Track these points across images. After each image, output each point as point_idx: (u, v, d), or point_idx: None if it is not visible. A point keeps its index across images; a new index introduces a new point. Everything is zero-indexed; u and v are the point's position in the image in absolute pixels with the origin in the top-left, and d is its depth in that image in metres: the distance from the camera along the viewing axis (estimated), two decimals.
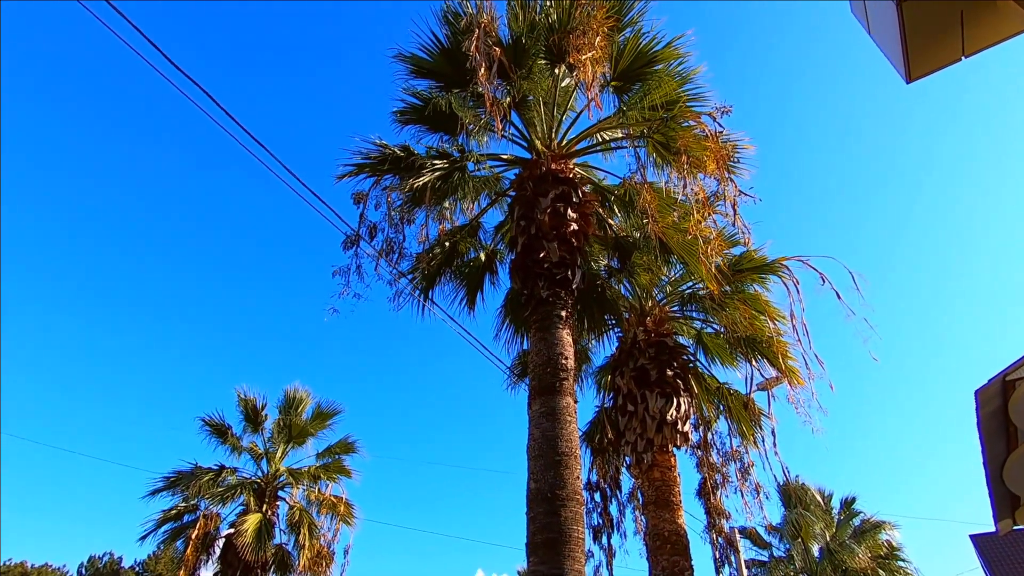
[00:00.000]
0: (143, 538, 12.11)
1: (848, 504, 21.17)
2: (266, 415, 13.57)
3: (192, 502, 12.48)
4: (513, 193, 7.86)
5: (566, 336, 6.39)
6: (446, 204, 8.23)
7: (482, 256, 8.63)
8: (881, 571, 19.57)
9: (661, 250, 8.20)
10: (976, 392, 12.61)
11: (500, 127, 7.15)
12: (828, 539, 19.74)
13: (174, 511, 12.45)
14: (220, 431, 13.21)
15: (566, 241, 6.90)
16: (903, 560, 20.68)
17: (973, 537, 23.98)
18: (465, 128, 7.62)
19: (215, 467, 12.90)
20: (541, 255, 6.70)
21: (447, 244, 8.22)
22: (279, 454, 13.85)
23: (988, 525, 19.00)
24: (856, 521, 20.80)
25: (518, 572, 25.51)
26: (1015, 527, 18.89)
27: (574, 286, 6.83)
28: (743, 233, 6.61)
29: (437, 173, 7.42)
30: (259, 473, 13.52)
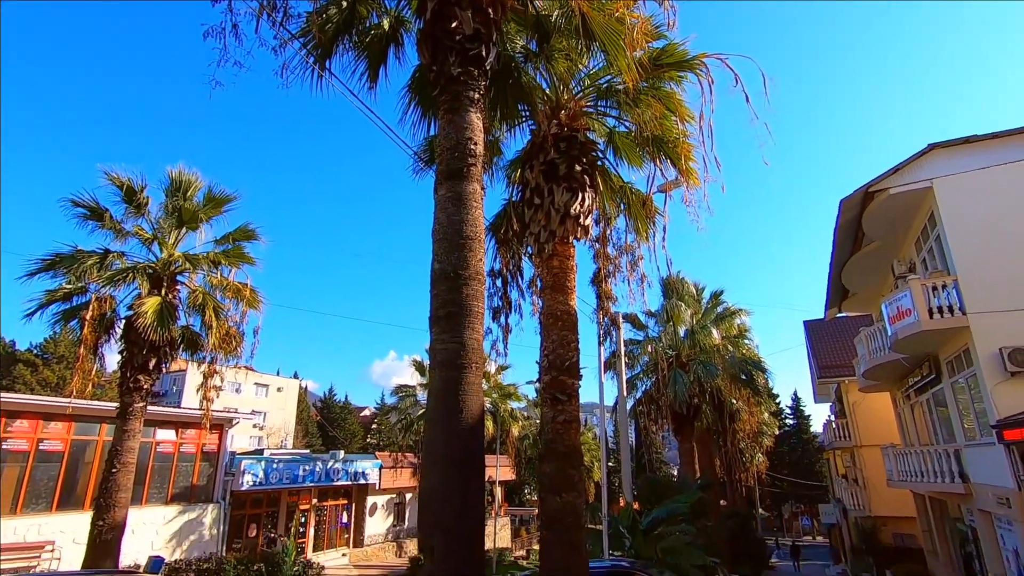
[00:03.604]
0: (29, 315, 11.62)
1: (716, 296, 24.53)
2: (148, 197, 12.48)
3: (79, 284, 11.89)
4: None
5: (476, 120, 6.05)
6: None
7: (385, 24, 7.57)
8: (730, 347, 23.67)
9: (583, 34, 7.61)
10: (841, 201, 14.03)
11: None
12: (694, 323, 23.14)
13: (61, 292, 11.87)
14: (96, 213, 12.10)
15: (482, 11, 6.15)
16: (748, 339, 25.05)
17: (806, 322, 29.22)
18: None
19: (99, 250, 12.10)
20: (453, 25, 5.98)
21: (344, 4, 7.06)
22: (172, 240, 13.16)
23: (819, 313, 23.21)
24: (719, 309, 24.35)
25: (427, 351, 28.04)
26: (839, 315, 22.81)
27: (488, 65, 6.28)
28: (668, 15, 6.17)
29: None
30: (151, 258, 12.92)
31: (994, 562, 12.02)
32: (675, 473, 35.00)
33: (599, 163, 9.40)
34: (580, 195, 8.36)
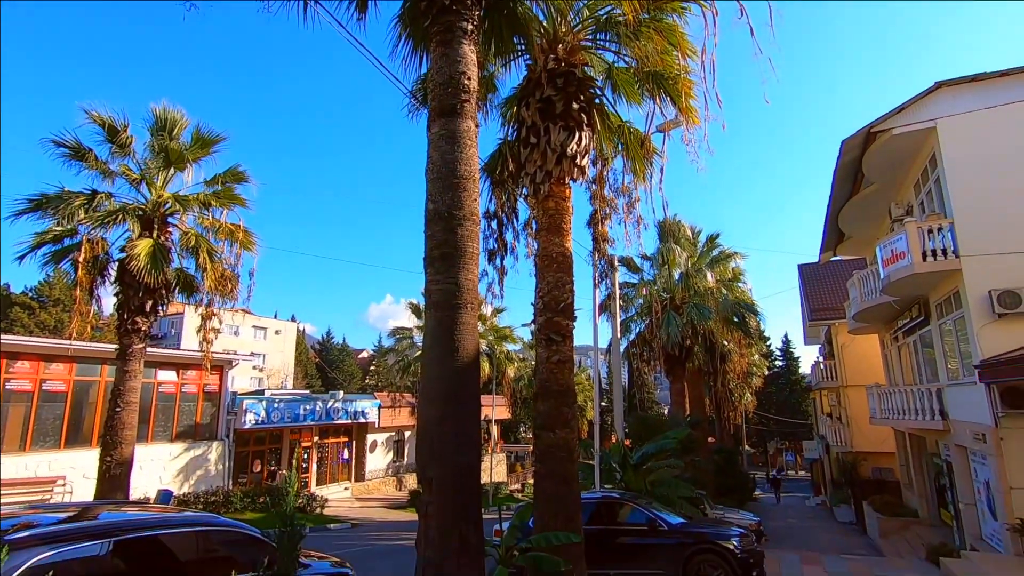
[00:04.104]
0: (20, 258, 11.50)
1: (712, 239, 24.48)
2: (132, 136, 12.10)
3: (69, 226, 11.72)
4: None
5: (470, 53, 5.81)
6: None
7: None
8: (724, 290, 23.85)
9: None
10: (842, 141, 13.79)
11: None
12: (689, 266, 23.20)
13: (51, 234, 11.71)
14: (79, 153, 11.77)
15: None
16: (742, 283, 25.24)
17: (800, 266, 29.39)
18: None
19: (86, 191, 11.86)
20: None
21: None
22: (160, 181, 12.89)
23: (813, 257, 23.26)
24: (715, 252, 24.35)
25: (422, 294, 28.17)
26: (833, 258, 22.92)
27: None
28: None
29: None
30: (140, 199, 12.69)
31: (965, 493, 12.64)
32: (666, 412, 36.15)
33: (597, 100, 9.12)
34: (577, 134, 8.16)
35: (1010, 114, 11.60)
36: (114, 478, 11.34)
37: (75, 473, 16.94)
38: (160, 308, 12.71)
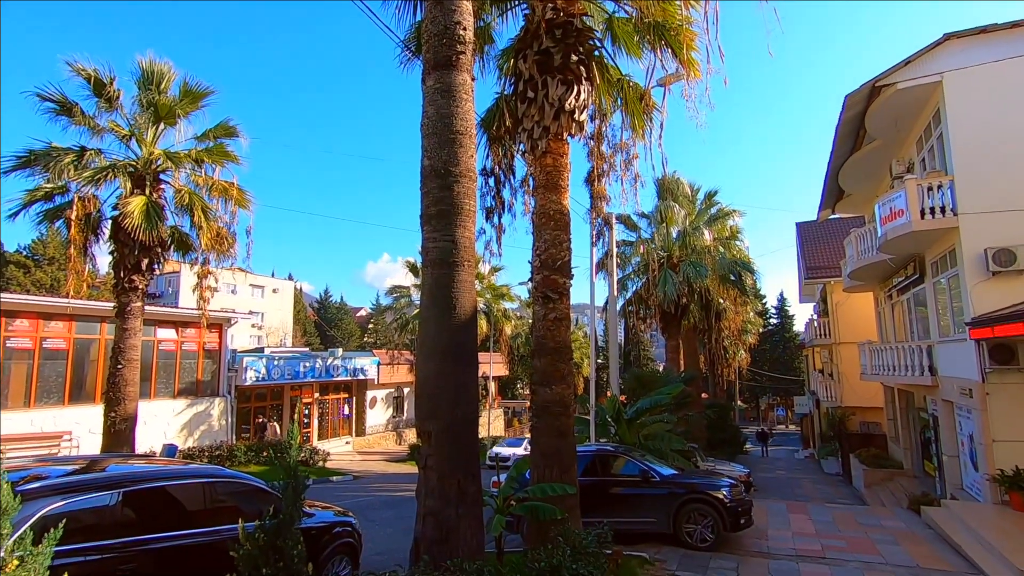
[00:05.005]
0: (13, 215, 11.38)
1: (710, 196, 24.32)
2: (119, 90, 11.78)
3: (60, 183, 11.55)
4: None
5: (466, 1, 5.62)
6: None
7: None
8: (721, 248, 23.86)
9: None
10: (846, 96, 13.50)
11: None
12: (687, 224, 23.10)
13: (41, 192, 11.55)
14: (66, 108, 11.48)
15: None
16: (739, 241, 25.22)
17: (798, 224, 29.32)
18: None
19: (75, 147, 11.63)
20: None
21: None
22: (151, 136, 12.63)
23: (812, 215, 23.10)
24: (713, 210, 24.22)
25: (419, 252, 28.04)
26: (832, 216, 22.84)
27: None
28: None
29: None
30: (131, 156, 12.46)
31: (949, 446, 13.02)
32: (661, 369, 36.73)
33: (596, 53, 8.87)
34: (575, 88, 7.98)
35: (1017, 67, 11.34)
36: (119, 433, 11.58)
37: (80, 428, 17.26)
38: (156, 266, 12.69)
